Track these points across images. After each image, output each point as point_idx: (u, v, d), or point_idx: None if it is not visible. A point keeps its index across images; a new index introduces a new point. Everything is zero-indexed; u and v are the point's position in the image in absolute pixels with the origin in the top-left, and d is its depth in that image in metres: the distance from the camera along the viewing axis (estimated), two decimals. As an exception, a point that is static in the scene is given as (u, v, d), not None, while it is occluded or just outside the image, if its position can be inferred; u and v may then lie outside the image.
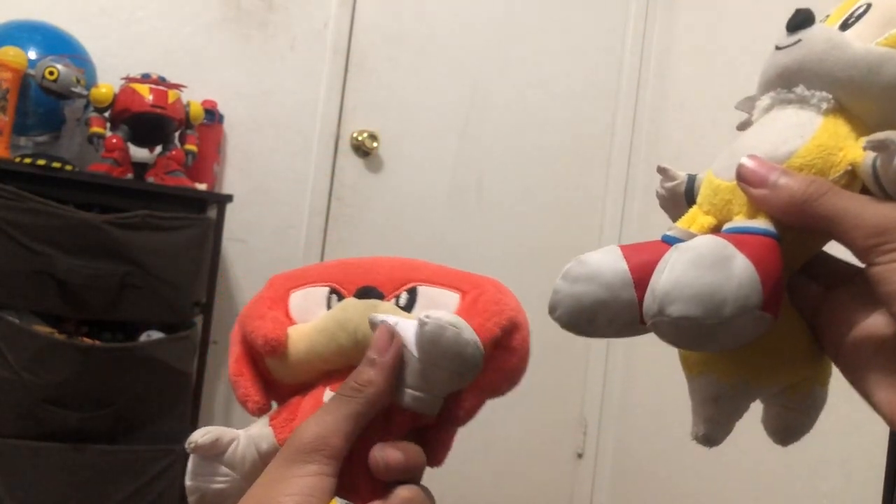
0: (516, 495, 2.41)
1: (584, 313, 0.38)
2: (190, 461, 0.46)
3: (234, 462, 0.45)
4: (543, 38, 2.44)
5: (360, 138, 2.22)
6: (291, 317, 0.47)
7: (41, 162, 1.68)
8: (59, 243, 1.60)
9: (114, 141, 1.76)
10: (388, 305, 0.45)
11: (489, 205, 2.38)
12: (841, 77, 0.37)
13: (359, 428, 0.40)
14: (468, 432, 0.47)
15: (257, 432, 0.46)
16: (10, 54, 1.68)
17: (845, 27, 0.38)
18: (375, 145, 2.23)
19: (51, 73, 1.65)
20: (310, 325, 0.46)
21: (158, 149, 1.86)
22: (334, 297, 0.47)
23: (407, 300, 0.46)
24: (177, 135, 1.86)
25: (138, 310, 1.70)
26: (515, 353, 0.47)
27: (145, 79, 1.79)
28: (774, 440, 0.42)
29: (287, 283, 0.49)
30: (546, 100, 2.44)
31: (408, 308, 0.46)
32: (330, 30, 2.20)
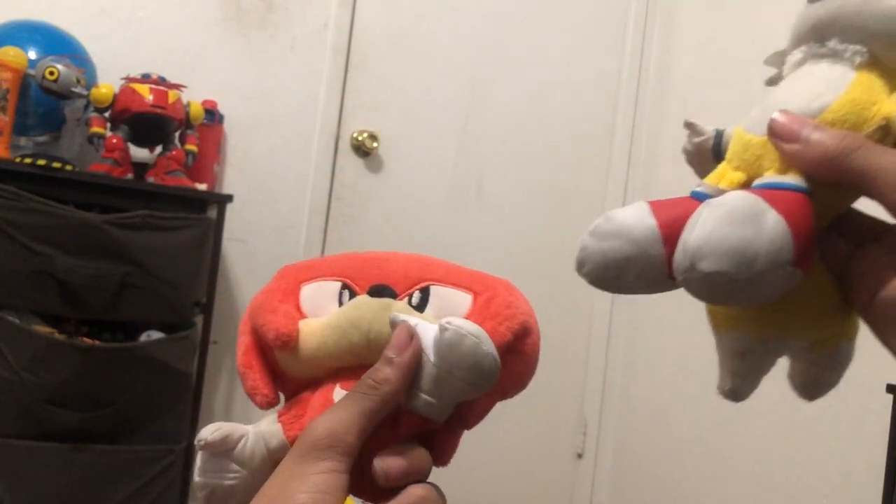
0: (516, 495, 2.41)
1: (612, 269, 0.38)
2: (199, 457, 0.45)
3: (244, 458, 0.45)
4: (543, 38, 2.44)
5: (360, 138, 2.22)
6: (302, 310, 0.46)
7: (41, 162, 1.68)
8: (59, 243, 1.60)
9: (114, 141, 1.76)
10: (401, 305, 0.44)
11: (489, 205, 2.38)
12: (877, 29, 0.36)
13: (371, 425, 0.40)
14: (468, 432, 0.47)
15: (266, 429, 0.46)
16: (11, 54, 1.68)
17: None
18: (375, 145, 2.23)
19: (51, 73, 1.66)
20: (322, 320, 0.45)
21: (158, 149, 1.86)
22: (346, 292, 0.46)
23: (419, 299, 0.45)
24: (177, 135, 1.86)
25: (138, 310, 1.70)
26: (526, 357, 0.46)
27: (145, 79, 1.79)
28: (801, 395, 0.42)
29: (299, 275, 0.48)
30: (546, 99, 2.44)
31: (420, 307, 0.45)
32: (330, 30, 2.20)
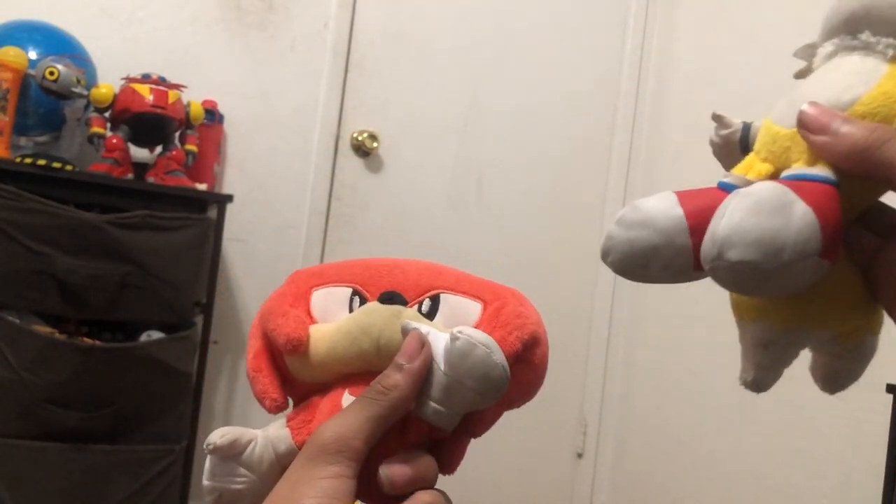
0: (516, 495, 2.41)
1: (638, 258, 0.38)
2: (207, 461, 0.46)
3: (252, 463, 0.45)
4: (543, 38, 2.44)
5: (360, 138, 2.22)
6: (313, 315, 0.47)
7: (41, 162, 1.68)
8: (59, 243, 1.60)
9: (114, 141, 1.76)
10: (411, 312, 0.44)
11: (489, 205, 2.38)
12: None
13: (380, 431, 0.40)
14: (469, 433, 0.47)
15: (275, 434, 0.46)
16: (11, 54, 1.68)
17: None
18: (375, 145, 2.23)
19: (51, 73, 1.66)
20: (332, 326, 0.45)
21: (159, 149, 1.86)
22: (356, 298, 0.46)
23: (430, 307, 0.46)
24: (177, 135, 1.86)
25: (138, 310, 1.70)
26: (534, 367, 0.46)
27: (145, 79, 1.79)
28: (822, 388, 0.42)
29: (310, 280, 0.48)
30: (546, 100, 2.44)
31: (430, 315, 0.45)
32: (330, 30, 2.20)
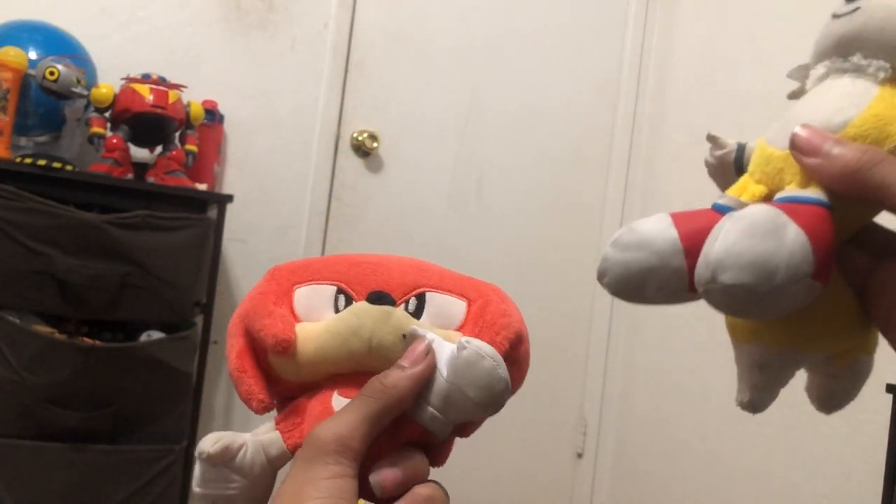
0: (516, 495, 2.41)
1: (634, 280, 0.38)
2: (197, 467, 0.45)
3: (244, 468, 0.44)
4: (543, 38, 2.44)
5: (360, 138, 2.22)
6: (296, 313, 0.46)
7: (41, 162, 1.68)
8: (59, 243, 1.60)
9: (114, 141, 1.76)
10: (401, 312, 0.44)
11: (489, 205, 2.38)
12: None
13: (376, 430, 0.40)
14: (469, 432, 0.47)
15: (265, 437, 0.45)
16: (11, 54, 1.68)
17: None
18: (375, 145, 2.23)
19: (51, 73, 1.66)
20: (320, 326, 0.45)
21: (159, 149, 1.86)
22: (342, 297, 0.46)
23: (416, 306, 0.45)
24: (177, 135, 1.86)
25: (138, 310, 1.70)
26: (520, 365, 0.47)
27: (145, 79, 1.79)
28: (818, 408, 0.42)
29: (291, 276, 0.47)
30: (546, 100, 2.44)
31: (417, 314, 0.45)
32: (330, 30, 2.20)
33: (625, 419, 2.40)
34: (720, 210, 0.38)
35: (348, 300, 0.46)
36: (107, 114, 1.78)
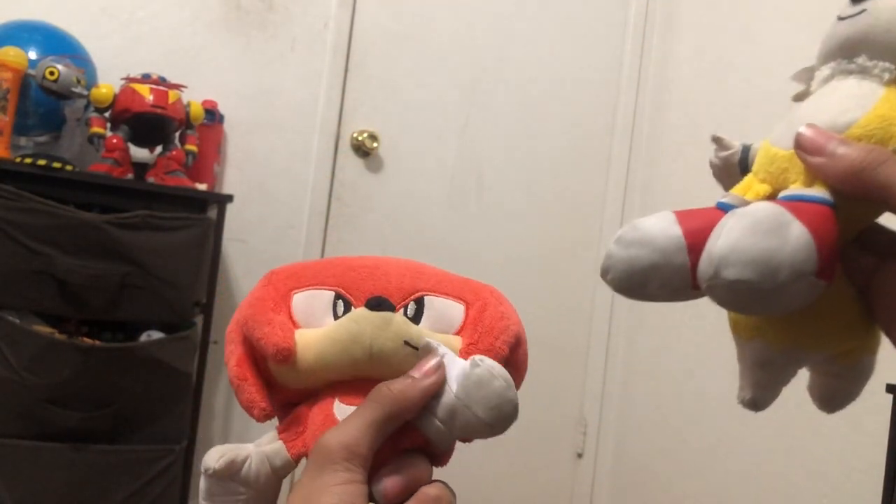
0: (516, 495, 2.41)
1: (637, 277, 0.38)
2: (203, 482, 0.45)
3: (249, 479, 0.44)
4: (543, 37, 2.44)
5: (360, 138, 2.22)
6: (295, 319, 0.46)
7: (41, 162, 1.68)
8: (59, 243, 1.60)
9: (114, 141, 1.76)
10: (400, 318, 0.44)
11: (489, 205, 2.38)
12: None
13: (382, 437, 0.41)
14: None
15: (269, 448, 0.45)
16: (11, 54, 1.68)
17: None
18: (375, 145, 2.23)
19: (51, 73, 1.66)
20: (320, 333, 0.45)
21: (159, 149, 1.86)
22: (340, 303, 0.46)
23: (415, 310, 0.45)
24: (177, 135, 1.86)
25: (138, 310, 1.70)
26: (518, 367, 0.47)
27: (145, 79, 1.79)
28: (820, 407, 0.42)
29: (288, 281, 0.47)
30: (546, 100, 2.44)
31: (415, 319, 0.45)
32: (330, 30, 2.20)
33: (625, 419, 2.40)
34: (724, 208, 0.38)
35: (347, 305, 0.45)
36: (107, 114, 1.78)
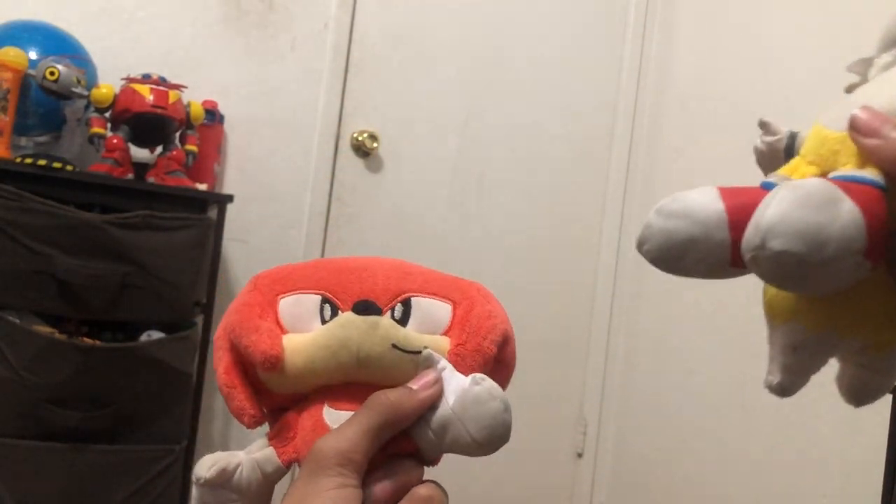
0: (516, 495, 2.41)
1: (675, 249, 0.37)
2: (195, 491, 0.45)
3: (241, 487, 0.45)
4: (543, 38, 2.44)
5: (360, 138, 2.22)
6: (282, 324, 0.46)
7: (42, 162, 1.68)
8: (59, 243, 1.60)
9: (114, 141, 1.76)
10: (387, 322, 0.44)
11: (489, 204, 2.38)
12: None
13: (377, 444, 0.41)
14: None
15: (260, 455, 0.45)
16: (11, 55, 1.68)
17: None
18: (375, 145, 2.23)
19: (51, 73, 1.66)
20: (308, 338, 0.45)
21: (159, 149, 1.86)
22: (327, 306, 0.46)
23: (402, 313, 0.45)
24: (177, 135, 1.86)
25: (138, 310, 1.70)
26: (507, 364, 0.47)
27: (146, 79, 1.79)
28: (848, 400, 0.42)
29: (274, 286, 0.47)
30: (546, 100, 2.44)
31: (403, 321, 0.45)
32: (330, 30, 2.20)
33: (625, 419, 2.40)
34: (769, 188, 0.37)
35: (334, 309, 0.45)
36: (107, 114, 1.78)
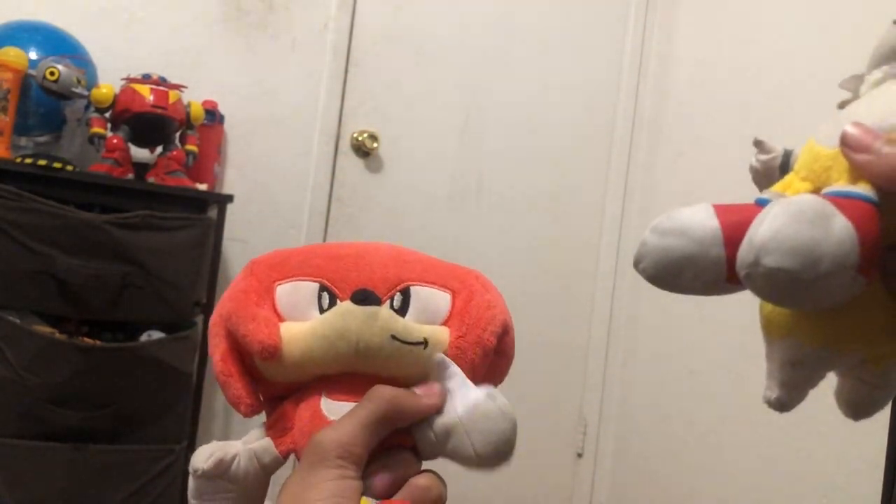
0: (516, 495, 2.41)
1: (671, 267, 0.38)
2: (192, 481, 0.45)
3: (238, 477, 0.44)
4: (543, 38, 2.44)
5: (360, 138, 2.22)
6: (279, 312, 0.45)
7: (42, 162, 1.68)
8: (59, 243, 1.61)
9: (114, 141, 1.76)
10: (386, 313, 0.44)
11: (489, 205, 2.38)
12: None
13: (376, 438, 0.41)
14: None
15: (257, 445, 0.45)
16: (11, 55, 1.68)
17: None
18: (375, 145, 2.23)
19: (52, 73, 1.66)
20: (305, 328, 0.44)
21: (159, 149, 1.86)
22: (325, 294, 0.45)
23: (401, 302, 0.45)
24: (177, 135, 1.86)
25: (139, 310, 1.70)
26: (507, 354, 0.47)
27: (146, 79, 1.79)
28: (846, 413, 0.42)
29: (271, 273, 0.46)
30: (546, 99, 2.44)
31: (402, 311, 0.45)
32: (330, 30, 2.20)
33: (625, 419, 2.40)
34: (763, 204, 0.37)
35: (332, 298, 0.45)
36: (107, 114, 1.78)
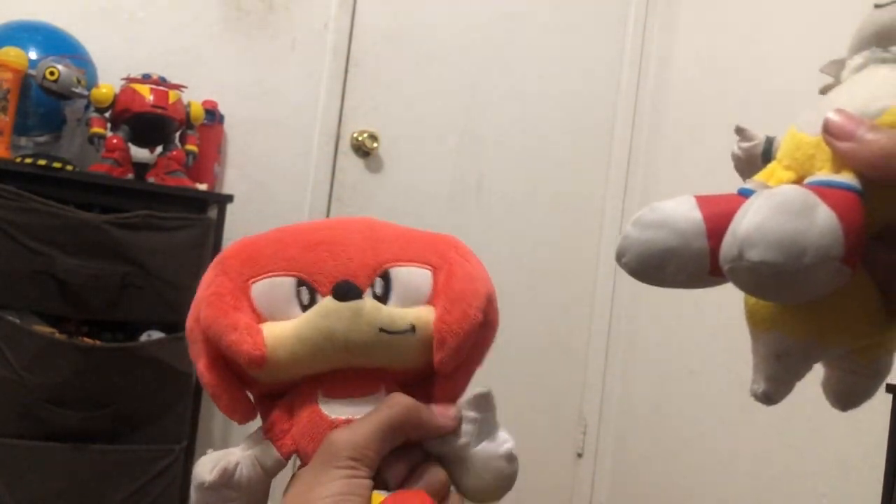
0: (516, 495, 2.40)
1: (654, 260, 0.37)
2: (195, 492, 0.44)
3: (241, 484, 0.44)
4: (543, 37, 2.44)
5: (360, 138, 2.22)
6: (258, 312, 0.44)
7: (42, 162, 1.68)
8: (59, 243, 1.61)
9: (114, 141, 1.76)
10: (371, 306, 0.43)
11: (489, 205, 2.38)
12: None
13: (390, 443, 0.42)
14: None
15: (258, 450, 0.45)
16: (11, 55, 1.68)
17: None
18: (375, 145, 2.23)
19: (51, 73, 1.65)
20: (289, 330, 0.43)
21: (159, 149, 1.85)
22: (304, 290, 0.44)
23: (382, 287, 0.44)
24: (177, 135, 1.86)
25: (139, 310, 1.70)
26: (492, 324, 0.46)
27: (146, 79, 1.79)
28: (834, 404, 0.42)
29: (244, 270, 0.44)
30: (546, 99, 2.44)
31: (384, 298, 0.44)
32: (330, 30, 2.20)
33: (625, 419, 2.40)
34: (746, 194, 0.37)
35: (311, 293, 0.44)
36: (107, 114, 1.78)
